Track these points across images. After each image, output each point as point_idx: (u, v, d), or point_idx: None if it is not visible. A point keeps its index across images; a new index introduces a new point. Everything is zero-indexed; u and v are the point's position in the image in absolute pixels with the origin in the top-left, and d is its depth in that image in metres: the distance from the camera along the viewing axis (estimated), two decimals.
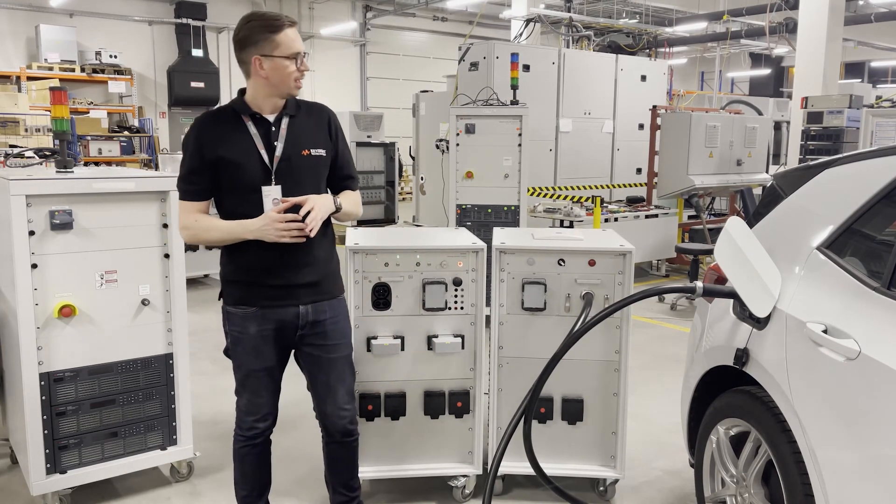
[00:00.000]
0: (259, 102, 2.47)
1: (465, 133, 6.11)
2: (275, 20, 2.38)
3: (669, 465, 3.62)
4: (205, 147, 2.42)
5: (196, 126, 2.47)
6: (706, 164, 7.92)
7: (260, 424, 2.63)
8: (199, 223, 2.46)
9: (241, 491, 2.73)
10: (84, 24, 14.41)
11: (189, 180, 2.46)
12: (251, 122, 2.46)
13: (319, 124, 2.57)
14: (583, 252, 3.08)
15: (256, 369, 2.56)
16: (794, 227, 2.48)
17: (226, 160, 2.41)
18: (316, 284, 2.55)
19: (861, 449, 1.88)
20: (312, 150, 2.50)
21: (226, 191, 2.46)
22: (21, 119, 9.87)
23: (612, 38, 13.50)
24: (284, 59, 2.39)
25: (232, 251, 2.50)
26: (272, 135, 2.46)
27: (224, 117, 2.48)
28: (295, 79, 2.43)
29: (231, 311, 2.54)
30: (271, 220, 2.37)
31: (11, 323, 3.01)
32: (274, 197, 2.43)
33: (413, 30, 19.27)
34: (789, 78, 19.30)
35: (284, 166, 2.45)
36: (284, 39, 2.38)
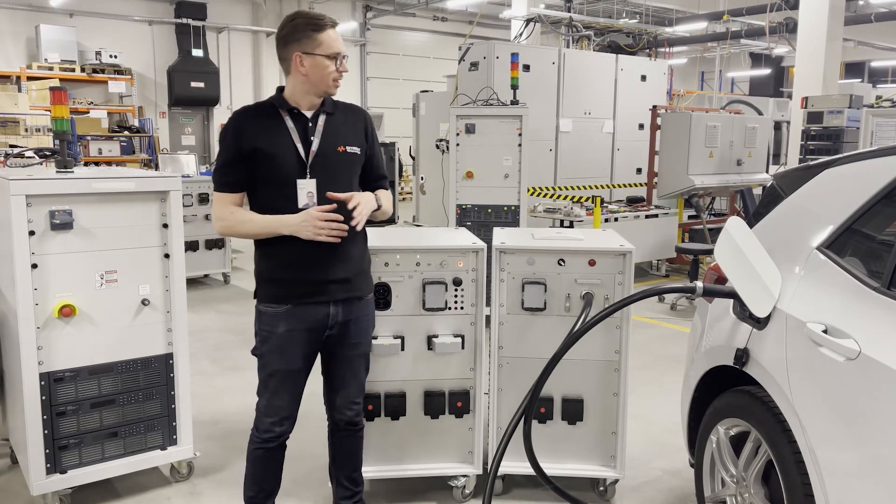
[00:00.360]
0: (297, 99, 2.51)
1: (465, 133, 6.11)
2: (318, 19, 2.44)
3: (669, 465, 3.62)
4: (242, 139, 2.45)
5: (234, 118, 2.52)
6: (706, 164, 7.92)
7: (277, 428, 2.61)
8: (235, 215, 2.49)
9: (248, 491, 2.72)
10: (84, 24, 14.41)
11: (225, 172, 2.49)
12: (289, 117, 2.50)
13: (356, 124, 2.63)
14: (583, 252, 3.08)
15: (280, 370, 2.56)
16: (794, 227, 2.48)
17: (262, 152, 2.44)
18: (348, 281, 2.57)
19: (861, 449, 1.88)
20: (348, 148, 2.55)
21: (260, 183, 2.49)
22: (21, 119, 9.86)
23: (612, 38, 13.50)
24: (325, 57, 2.44)
25: (266, 247, 2.52)
26: (309, 130, 2.51)
27: (262, 111, 2.52)
28: (333, 78, 2.48)
29: (262, 310, 2.56)
30: (311, 217, 2.39)
31: (11, 323, 3.01)
32: (308, 191, 2.46)
33: (413, 30, 19.27)
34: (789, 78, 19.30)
35: (319, 161, 2.49)
36: (326, 39, 2.43)
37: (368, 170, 2.68)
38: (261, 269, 2.56)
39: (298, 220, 2.41)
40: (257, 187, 2.50)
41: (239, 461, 3.60)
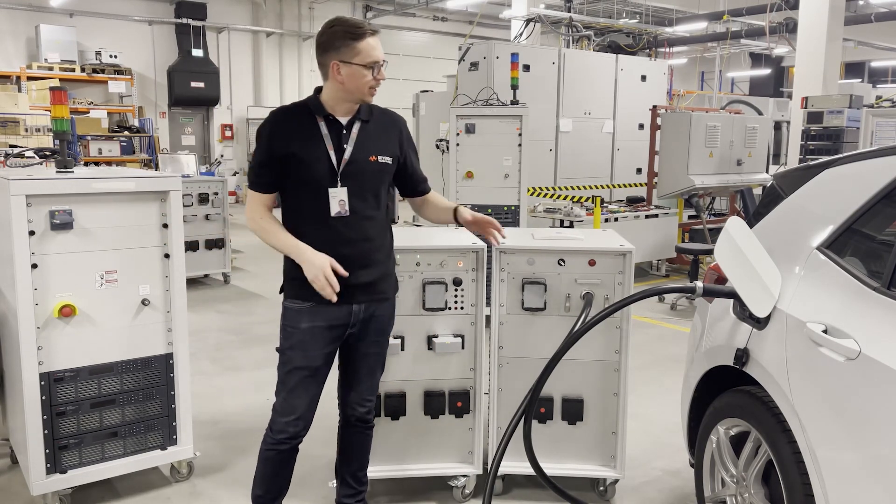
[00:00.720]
0: (333, 104, 2.51)
1: (465, 133, 6.11)
2: (357, 28, 2.42)
3: (669, 465, 3.62)
4: (275, 142, 2.47)
5: (270, 120, 2.52)
6: (706, 164, 7.92)
7: (291, 428, 2.59)
8: (263, 222, 2.53)
9: (256, 489, 2.73)
10: (84, 24, 14.42)
11: (258, 172, 2.52)
12: (324, 123, 2.50)
13: (390, 133, 2.64)
14: (583, 252, 3.08)
15: (300, 366, 2.57)
16: (794, 227, 2.48)
17: (295, 157, 2.46)
18: (372, 284, 2.59)
19: (861, 449, 1.88)
20: (379, 157, 2.56)
21: (291, 186, 2.51)
22: (21, 119, 9.86)
23: (612, 38, 13.51)
24: (362, 66, 2.42)
25: None
26: (343, 137, 2.51)
27: (298, 114, 2.52)
28: (370, 87, 2.47)
29: (287, 306, 2.58)
30: (323, 268, 2.40)
31: (11, 323, 3.01)
32: (340, 199, 2.48)
33: (413, 30, 19.27)
34: (789, 78, 19.30)
35: (350, 169, 2.50)
36: (365, 48, 2.41)
37: (406, 177, 2.72)
38: (287, 266, 2.57)
39: (312, 260, 2.42)
40: (289, 189, 2.53)
41: (239, 461, 3.61)
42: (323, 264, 2.42)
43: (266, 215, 2.55)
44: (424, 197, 2.82)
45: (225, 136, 17.03)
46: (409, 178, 2.73)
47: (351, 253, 2.51)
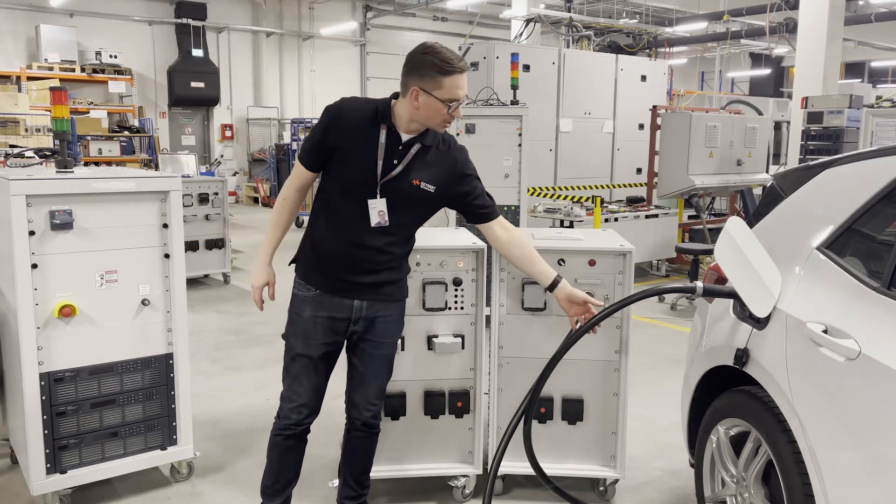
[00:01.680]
0: (400, 119, 2.48)
1: (465, 133, 6.10)
2: (448, 63, 2.36)
3: (669, 465, 3.62)
4: (333, 129, 2.47)
5: (338, 106, 2.50)
6: (706, 164, 7.92)
7: (294, 415, 2.63)
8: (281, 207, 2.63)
9: (265, 479, 2.75)
10: (84, 24, 14.42)
11: (308, 149, 2.56)
12: (384, 131, 2.47)
13: (444, 164, 2.58)
14: (583, 252, 3.08)
15: (301, 354, 2.61)
16: (794, 227, 2.48)
17: (343, 152, 2.46)
18: (374, 286, 2.60)
19: (861, 449, 1.88)
20: (423, 184, 2.52)
21: (331, 176, 2.53)
22: (21, 119, 9.87)
23: (612, 38, 13.51)
24: (441, 101, 2.38)
25: (311, 233, 2.61)
26: (397, 153, 2.48)
27: (365, 112, 2.48)
28: (444, 121, 2.44)
29: (295, 293, 2.64)
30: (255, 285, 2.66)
31: (11, 323, 3.01)
32: (380, 209, 2.48)
33: (413, 30, 19.26)
34: (789, 78, 19.30)
35: (390, 185, 2.48)
36: (449, 84, 2.36)
37: (467, 205, 2.67)
38: (304, 246, 2.64)
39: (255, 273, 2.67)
40: (327, 179, 2.55)
41: (239, 461, 3.61)
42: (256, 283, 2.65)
43: (292, 200, 2.62)
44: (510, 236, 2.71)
45: (225, 137, 17.04)
46: (468, 207, 2.68)
47: (362, 257, 2.53)
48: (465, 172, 2.64)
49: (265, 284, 2.66)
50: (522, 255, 2.72)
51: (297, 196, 2.62)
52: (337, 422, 2.88)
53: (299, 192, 2.62)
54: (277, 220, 2.64)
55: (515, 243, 2.72)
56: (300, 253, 2.65)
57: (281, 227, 2.64)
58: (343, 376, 2.77)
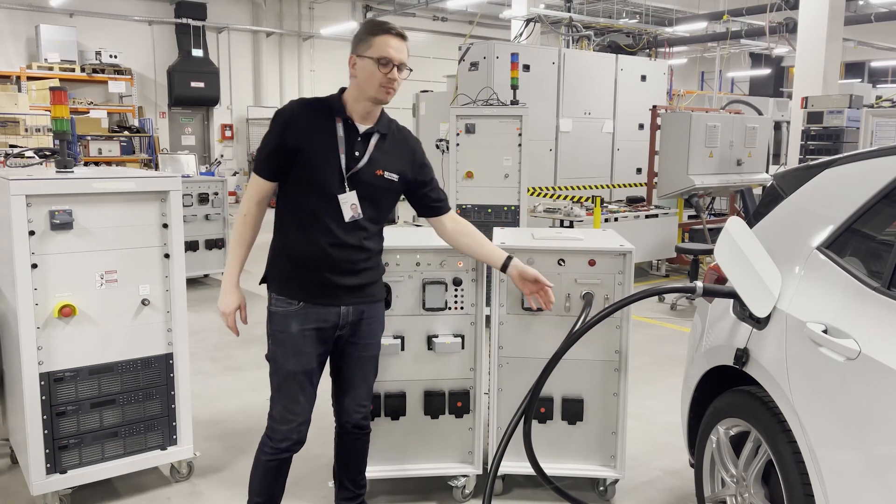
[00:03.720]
0: (352, 105, 2.47)
1: (465, 133, 6.11)
2: (378, 25, 2.39)
3: (669, 465, 3.62)
4: (290, 132, 2.42)
5: (288, 109, 2.47)
6: (706, 164, 7.92)
7: (294, 435, 2.55)
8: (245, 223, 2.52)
9: (254, 497, 2.67)
10: (84, 24, 14.42)
11: (266, 158, 2.49)
12: (341, 125, 2.46)
13: (403, 152, 2.60)
14: (583, 252, 3.08)
15: (296, 371, 2.52)
16: (794, 227, 2.48)
17: (305, 153, 2.42)
18: (357, 289, 2.57)
19: (861, 449, 1.88)
20: (386, 173, 2.53)
21: (294, 181, 2.47)
22: (21, 119, 9.87)
23: (612, 38, 13.50)
24: (372, 60, 2.37)
25: (283, 242, 2.53)
26: (357, 145, 2.47)
27: (318, 110, 2.47)
28: (381, 84, 2.39)
29: (273, 311, 2.54)
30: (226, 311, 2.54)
31: (11, 323, 3.01)
32: (352, 203, 2.46)
33: (413, 30, 19.24)
34: (789, 78, 19.30)
35: (357, 178, 2.47)
36: (378, 42, 2.37)
37: (423, 196, 2.67)
38: (275, 260, 2.56)
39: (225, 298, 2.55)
40: (291, 185, 2.49)
41: (239, 461, 3.61)
42: (227, 308, 2.53)
43: (254, 214, 2.52)
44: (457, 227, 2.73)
45: (225, 136, 17.04)
46: (423, 197, 2.68)
47: (340, 257, 2.49)
48: (424, 162, 2.67)
49: (237, 308, 2.54)
50: (473, 242, 2.74)
51: (257, 210, 2.52)
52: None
53: (260, 205, 2.52)
54: (240, 237, 2.53)
55: (464, 232, 2.73)
56: (272, 269, 2.56)
57: (245, 244, 2.54)
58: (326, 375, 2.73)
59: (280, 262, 2.54)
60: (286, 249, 2.52)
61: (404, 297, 3.06)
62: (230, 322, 2.54)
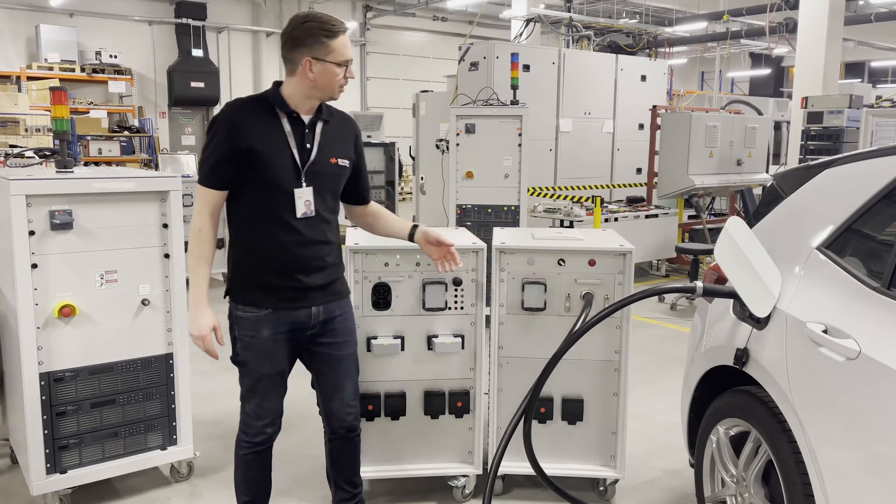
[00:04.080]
0: (297, 101, 2.43)
1: (465, 133, 6.11)
2: (332, 25, 2.36)
3: (669, 465, 3.62)
4: (237, 134, 2.35)
5: (229, 112, 2.41)
6: (706, 164, 7.92)
7: (269, 429, 2.58)
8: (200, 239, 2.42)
9: (243, 497, 2.68)
10: (84, 24, 14.41)
11: (215, 168, 2.39)
12: (286, 120, 2.43)
13: (347, 136, 2.60)
14: (583, 252, 3.08)
15: (269, 373, 2.51)
16: (794, 227, 2.48)
17: (257, 153, 2.36)
18: (328, 286, 2.56)
19: (861, 449, 1.88)
20: (339, 160, 2.53)
21: (250, 185, 2.41)
22: (21, 119, 9.87)
23: (612, 38, 13.51)
24: (335, 65, 2.37)
25: (246, 250, 2.47)
26: (306, 136, 2.45)
27: (258, 108, 2.42)
28: (340, 85, 2.42)
29: (241, 316, 2.48)
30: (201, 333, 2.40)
31: (11, 323, 3.01)
32: (306, 199, 2.43)
33: (413, 30, 19.27)
34: (789, 78, 19.30)
35: (312, 170, 2.45)
36: (339, 46, 2.37)
37: (356, 183, 2.67)
38: (238, 269, 2.49)
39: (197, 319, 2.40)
40: (245, 189, 2.42)
41: None
42: (204, 330, 2.39)
43: (208, 227, 2.42)
44: (369, 209, 2.76)
45: None
46: (355, 185, 2.67)
47: (307, 254, 2.47)
48: (361, 147, 2.68)
49: (213, 329, 2.43)
50: (384, 221, 2.79)
51: (211, 223, 2.43)
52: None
53: (213, 217, 2.44)
54: (200, 254, 2.41)
55: (376, 214, 2.79)
56: (236, 280, 2.49)
57: (207, 260, 2.43)
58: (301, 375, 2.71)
59: (245, 270, 2.47)
60: (251, 256, 2.46)
61: (404, 297, 3.06)
62: (207, 345, 2.42)
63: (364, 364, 3.07)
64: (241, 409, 2.60)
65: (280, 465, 3.36)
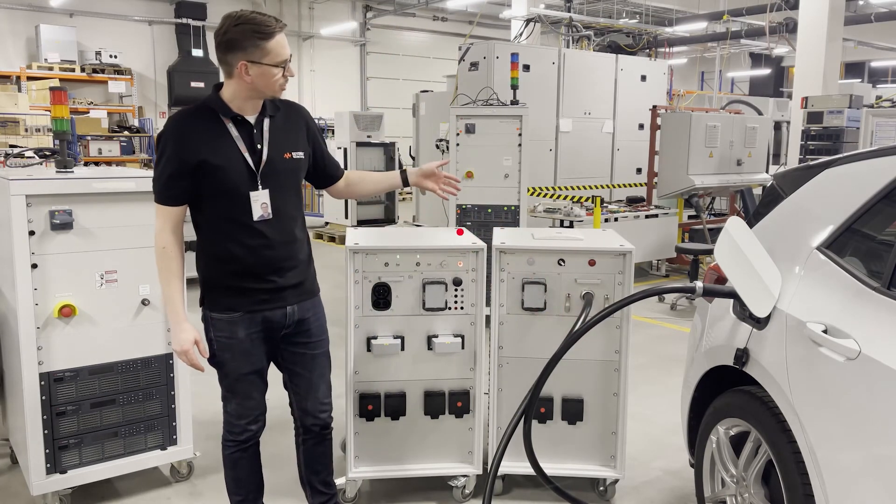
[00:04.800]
0: (239, 103, 2.39)
1: (465, 133, 6.11)
2: (266, 26, 2.28)
3: (669, 465, 3.62)
4: (185, 150, 2.32)
5: (173, 127, 2.37)
6: (706, 164, 7.92)
7: (252, 427, 2.58)
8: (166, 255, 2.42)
9: (235, 497, 2.68)
10: (84, 24, 14.42)
11: (168, 185, 2.37)
12: (231, 124, 2.39)
13: (297, 126, 2.56)
14: (583, 252, 3.08)
15: (247, 373, 2.51)
16: (794, 227, 2.48)
17: (209, 164, 2.32)
18: (300, 285, 2.56)
19: (861, 449, 1.88)
20: (293, 154, 2.50)
21: (207, 196, 2.39)
22: (21, 119, 9.87)
23: (612, 38, 13.50)
24: (272, 66, 2.31)
25: (212, 253, 2.47)
26: (255, 137, 2.41)
27: (202, 117, 2.38)
28: (280, 85, 2.37)
29: (216, 317, 2.47)
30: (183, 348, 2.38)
31: (11, 323, 3.01)
32: (263, 202, 2.40)
33: (413, 30, 19.28)
34: (789, 78, 19.30)
35: (268, 170, 2.42)
36: (275, 47, 2.30)
37: (322, 167, 2.65)
38: (209, 275, 2.48)
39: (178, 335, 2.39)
40: (204, 200, 2.41)
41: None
42: (185, 345, 2.37)
43: (172, 243, 2.42)
44: (348, 180, 2.75)
45: None
46: (323, 169, 2.66)
47: (278, 255, 2.45)
48: (316, 129, 2.62)
49: (195, 342, 2.41)
50: (369, 183, 2.82)
51: (175, 239, 2.43)
52: (338, 421, 2.88)
53: (175, 233, 2.44)
54: (170, 270, 2.42)
55: (358, 181, 2.79)
56: (207, 289, 2.49)
57: (178, 275, 2.43)
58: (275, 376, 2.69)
59: (217, 278, 2.46)
60: (221, 265, 2.45)
61: (404, 297, 3.06)
62: (191, 359, 2.41)
63: (364, 364, 3.08)
64: (223, 409, 2.59)
65: (276, 466, 3.36)
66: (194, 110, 2.41)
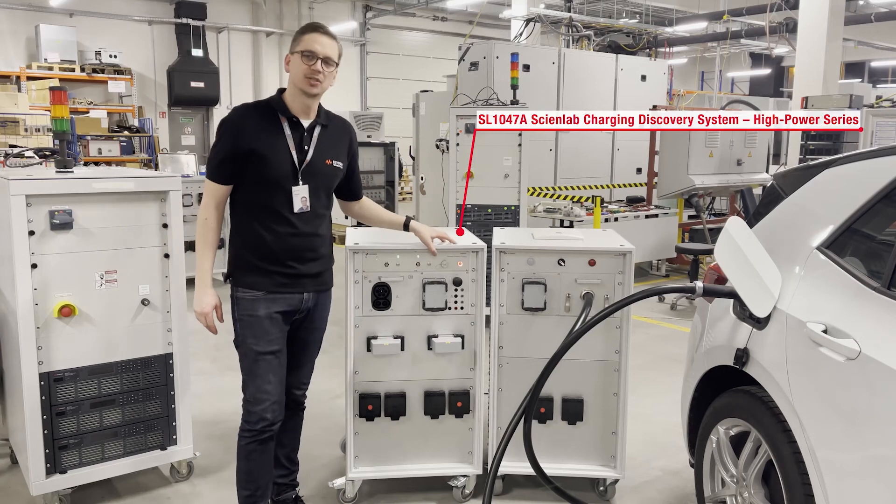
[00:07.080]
0: (290, 102, 2.63)
1: (465, 133, 6.11)
2: (309, 25, 2.59)
3: (669, 465, 3.62)
4: (240, 137, 2.56)
5: (235, 116, 2.63)
6: (706, 164, 7.92)
7: (268, 415, 2.67)
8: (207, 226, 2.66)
9: (243, 490, 2.73)
10: (84, 24, 14.41)
11: (220, 165, 2.61)
12: (286, 123, 2.63)
13: (343, 140, 2.81)
14: (583, 252, 3.08)
15: (264, 352, 2.65)
16: (794, 227, 2.48)
17: (258, 154, 2.55)
18: (320, 275, 2.76)
19: (861, 449, 1.88)
20: (334, 162, 2.73)
21: (250, 182, 2.61)
22: (21, 119, 9.87)
23: (612, 38, 13.51)
24: (299, 55, 2.54)
25: (245, 238, 2.66)
26: (304, 139, 2.65)
27: (262, 112, 2.63)
28: (305, 75, 2.55)
29: (239, 297, 2.66)
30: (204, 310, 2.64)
31: (11, 323, 3.01)
32: (303, 195, 2.63)
33: (413, 30, 19.27)
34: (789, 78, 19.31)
35: (309, 170, 2.65)
36: (305, 39, 2.55)
37: (349, 183, 2.89)
38: (238, 254, 2.68)
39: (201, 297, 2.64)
40: (247, 185, 2.62)
41: None
42: (206, 308, 2.62)
43: (214, 217, 2.66)
44: (362, 203, 3.01)
45: None
46: (348, 184, 2.89)
47: (301, 244, 2.66)
48: (356, 150, 2.88)
49: (214, 307, 2.67)
50: (376, 215, 3.05)
51: (216, 214, 2.67)
52: (338, 421, 2.88)
53: (218, 208, 2.67)
54: (206, 240, 2.67)
55: (366, 207, 3.04)
56: (235, 266, 2.69)
57: (212, 246, 2.68)
58: None
59: (244, 257, 2.66)
60: (250, 245, 2.65)
61: (404, 297, 3.06)
62: (209, 321, 2.65)
63: (364, 364, 3.08)
64: (242, 400, 2.72)
65: None
66: (258, 105, 2.68)
